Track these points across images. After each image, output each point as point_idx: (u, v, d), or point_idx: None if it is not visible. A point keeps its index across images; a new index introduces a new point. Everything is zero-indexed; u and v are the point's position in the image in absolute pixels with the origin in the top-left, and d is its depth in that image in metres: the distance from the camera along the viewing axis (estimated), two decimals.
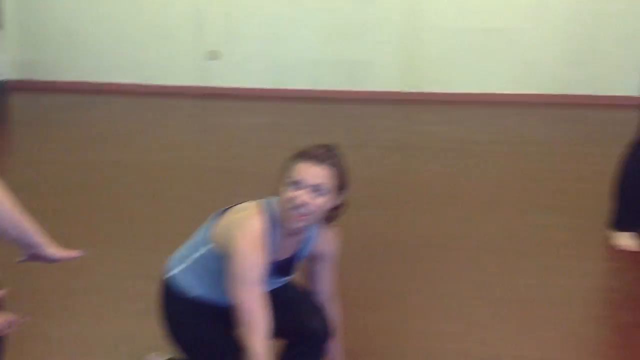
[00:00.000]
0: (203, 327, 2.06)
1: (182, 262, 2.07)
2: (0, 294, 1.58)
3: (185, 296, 2.05)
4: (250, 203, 1.99)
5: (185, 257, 2.07)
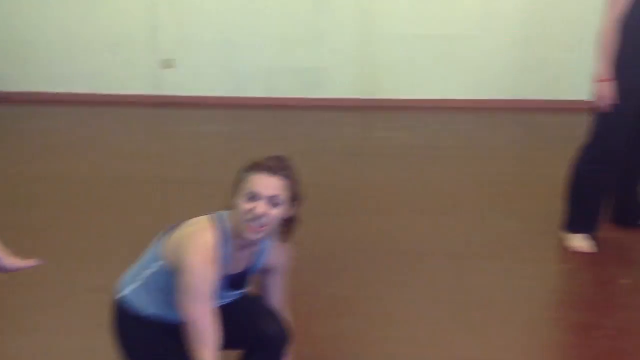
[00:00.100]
0: (157, 345, 2.04)
1: (133, 281, 2.05)
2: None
3: (138, 315, 2.02)
4: (201, 217, 1.99)
5: (136, 275, 2.05)
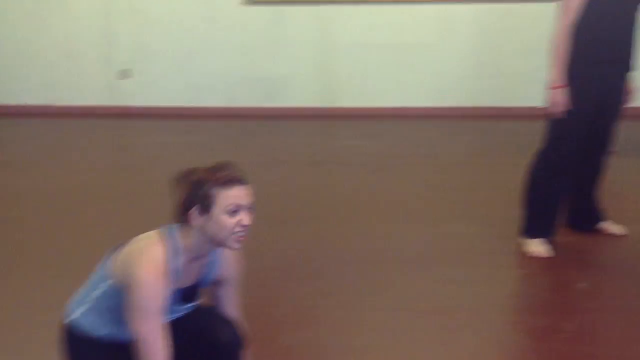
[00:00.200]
0: None
1: (82, 303, 2.01)
2: None
3: (90, 337, 1.99)
4: (150, 232, 1.97)
5: (85, 297, 2.01)
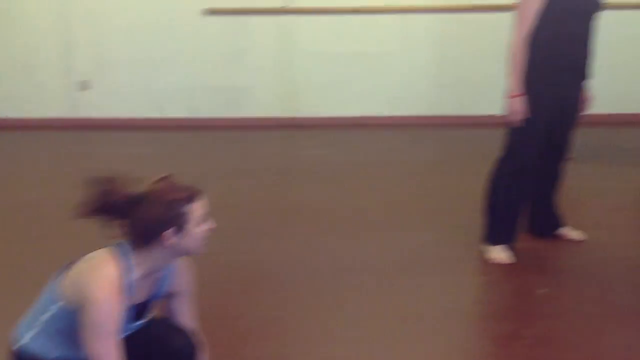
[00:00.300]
0: None
1: (31, 327, 1.94)
2: None
3: None
4: (100, 250, 1.93)
5: (33, 321, 1.95)
